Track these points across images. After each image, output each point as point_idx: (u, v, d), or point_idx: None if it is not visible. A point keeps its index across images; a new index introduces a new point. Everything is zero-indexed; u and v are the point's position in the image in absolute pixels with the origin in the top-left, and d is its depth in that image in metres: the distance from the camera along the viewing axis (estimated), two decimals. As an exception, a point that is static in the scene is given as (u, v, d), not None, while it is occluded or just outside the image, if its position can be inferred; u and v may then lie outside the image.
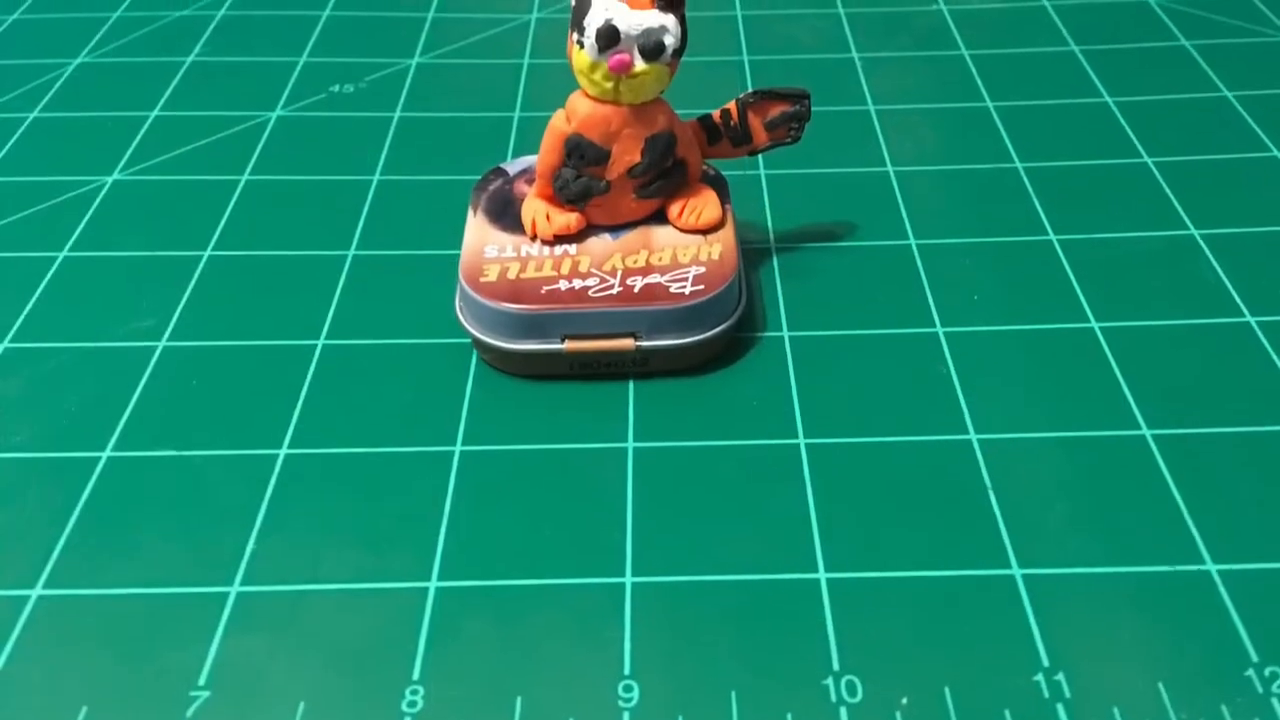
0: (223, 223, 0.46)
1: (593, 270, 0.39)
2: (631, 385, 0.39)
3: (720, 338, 0.39)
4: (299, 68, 0.56)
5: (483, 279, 0.39)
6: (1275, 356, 0.39)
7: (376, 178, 0.49)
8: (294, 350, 0.40)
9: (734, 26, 0.60)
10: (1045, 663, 0.31)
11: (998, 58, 0.56)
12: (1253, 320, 0.41)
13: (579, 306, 0.38)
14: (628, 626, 0.32)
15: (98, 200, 0.47)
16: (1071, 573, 0.33)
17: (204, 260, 0.44)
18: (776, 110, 0.42)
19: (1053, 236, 0.45)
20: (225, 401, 0.38)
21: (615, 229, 0.41)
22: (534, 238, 0.40)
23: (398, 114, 0.53)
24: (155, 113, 0.53)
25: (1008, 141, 0.50)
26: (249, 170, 0.49)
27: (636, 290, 0.38)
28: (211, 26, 0.60)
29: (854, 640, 0.31)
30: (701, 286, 0.38)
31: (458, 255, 0.40)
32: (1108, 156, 0.49)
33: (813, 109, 0.42)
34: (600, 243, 0.40)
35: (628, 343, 0.38)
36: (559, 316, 0.38)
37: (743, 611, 0.32)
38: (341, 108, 0.53)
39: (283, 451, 0.37)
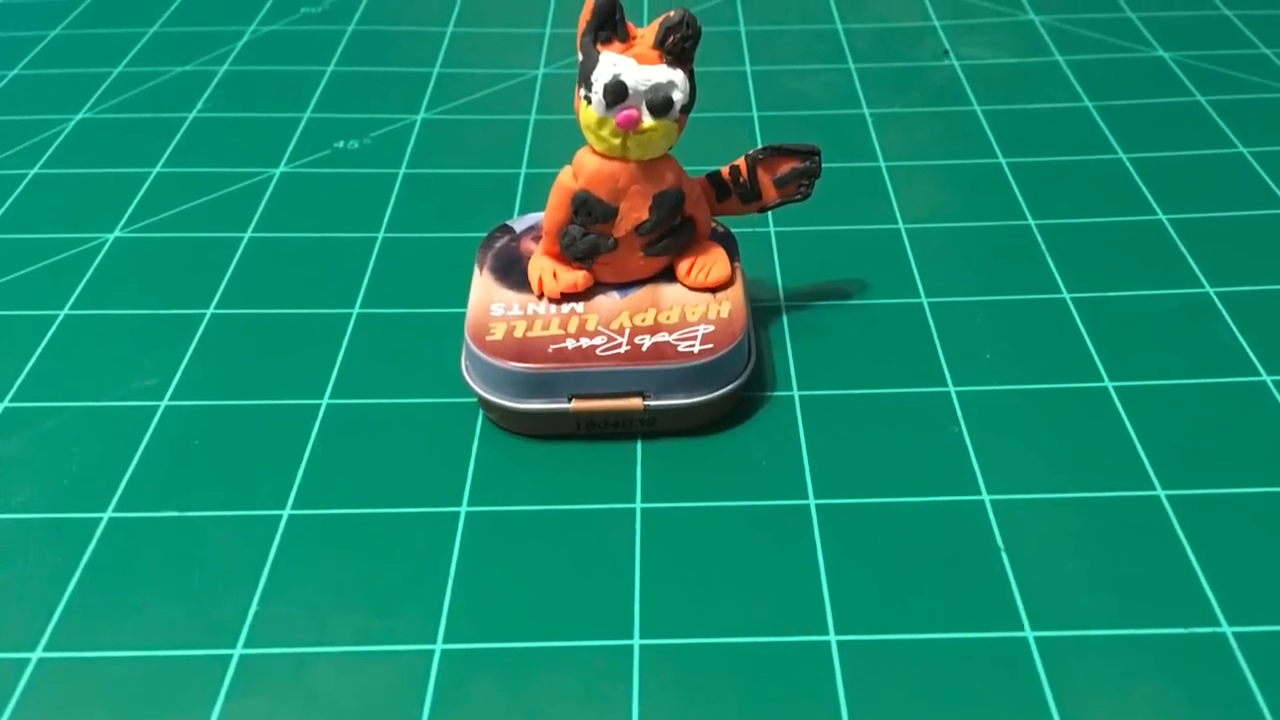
0: (225, 280, 0.47)
1: (600, 329, 0.40)
2: (639, 445, 0.40)
3: (729, 397, 0.40)
4: (303, 124, 0.57)
5: (489, 337, 0.40)
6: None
7: (381, 235, 0.50)
8: (298, 410, 0.41)
9: (743, 82, 0.61)
10: (1059, 727, 0.31)
11: (1010, 113, 0.58)
12: (1269, 380, 0.42)
13: (586, 366, 0.39)
14: (636, 690, 0.32)
15: (99, 258, 0.48)
16: (1085, 634, 0.33)
17: (207, 318, 0.45)
18: (786, 167, 0.42)
19: (1066, 295, 0.46)
20: (228, 462, 0.39)
21: (623, 287, 0.42)
22: (541, 296, 0.41)
23: (403, 170, 0.54)
24: (157, 169, 0.54)
25: (1020, 198, 0.51)
26: (252, 227, 0.50)
27: (644, 349, 0.39)
28: (214, 82, 0.61)
29: (864, 703, 0.32)
30: (710, 345, 0.39)
31: (463, 313, 0.41)
32: (1122, 214, 0.50)
33: (823, 165, 0.43)
34: (608, 301, 0.41)
35: (636, 402, 0.39)
36: (566, 376, 0.39)
37: (753, 674, 0.32)
38: (346, 164, 0.54)
39: (286, 512, 0.37)
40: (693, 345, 0.39)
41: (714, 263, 0.42)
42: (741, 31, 0.66)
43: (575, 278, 0.41)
